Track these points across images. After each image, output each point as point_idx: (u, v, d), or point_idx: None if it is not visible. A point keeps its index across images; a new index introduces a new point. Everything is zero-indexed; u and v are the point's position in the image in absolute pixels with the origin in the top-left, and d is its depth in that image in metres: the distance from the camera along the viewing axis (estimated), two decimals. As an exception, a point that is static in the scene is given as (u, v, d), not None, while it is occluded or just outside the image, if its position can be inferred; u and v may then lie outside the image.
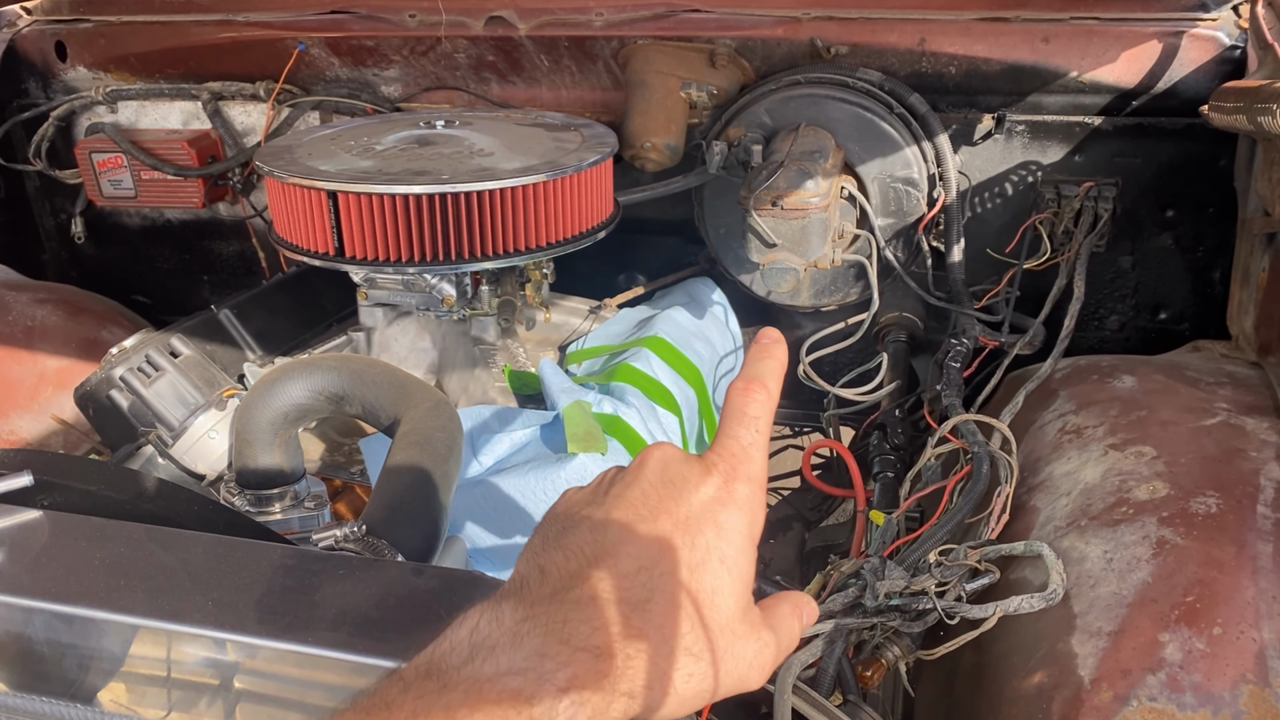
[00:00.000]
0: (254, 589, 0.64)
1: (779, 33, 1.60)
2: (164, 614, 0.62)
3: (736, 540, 0.55)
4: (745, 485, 0.56)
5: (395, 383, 1.01)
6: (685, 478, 0.55)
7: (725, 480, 0.56)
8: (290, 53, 1.82)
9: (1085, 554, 1.08)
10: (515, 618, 0.50)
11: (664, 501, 0.54)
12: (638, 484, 0.55)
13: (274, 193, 1.35)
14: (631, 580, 0.52)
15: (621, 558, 0.52)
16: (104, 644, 0.64)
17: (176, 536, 0.70)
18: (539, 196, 1.31)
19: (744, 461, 0.57)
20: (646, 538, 0.53)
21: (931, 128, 1.56)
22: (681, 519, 0.54)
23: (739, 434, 0.57)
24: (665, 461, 0.57)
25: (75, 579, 0.65)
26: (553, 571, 0.52)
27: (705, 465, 0.56)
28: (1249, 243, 1.47)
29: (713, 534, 0.54)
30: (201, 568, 0.67)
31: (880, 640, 1.15)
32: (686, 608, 0.52)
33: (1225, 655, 0.92)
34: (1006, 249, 1.58)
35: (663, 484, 0.55)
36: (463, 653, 0.49)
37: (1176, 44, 1.52)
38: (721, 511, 0.55)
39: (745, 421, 0.58)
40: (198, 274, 2.19)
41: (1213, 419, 1.22)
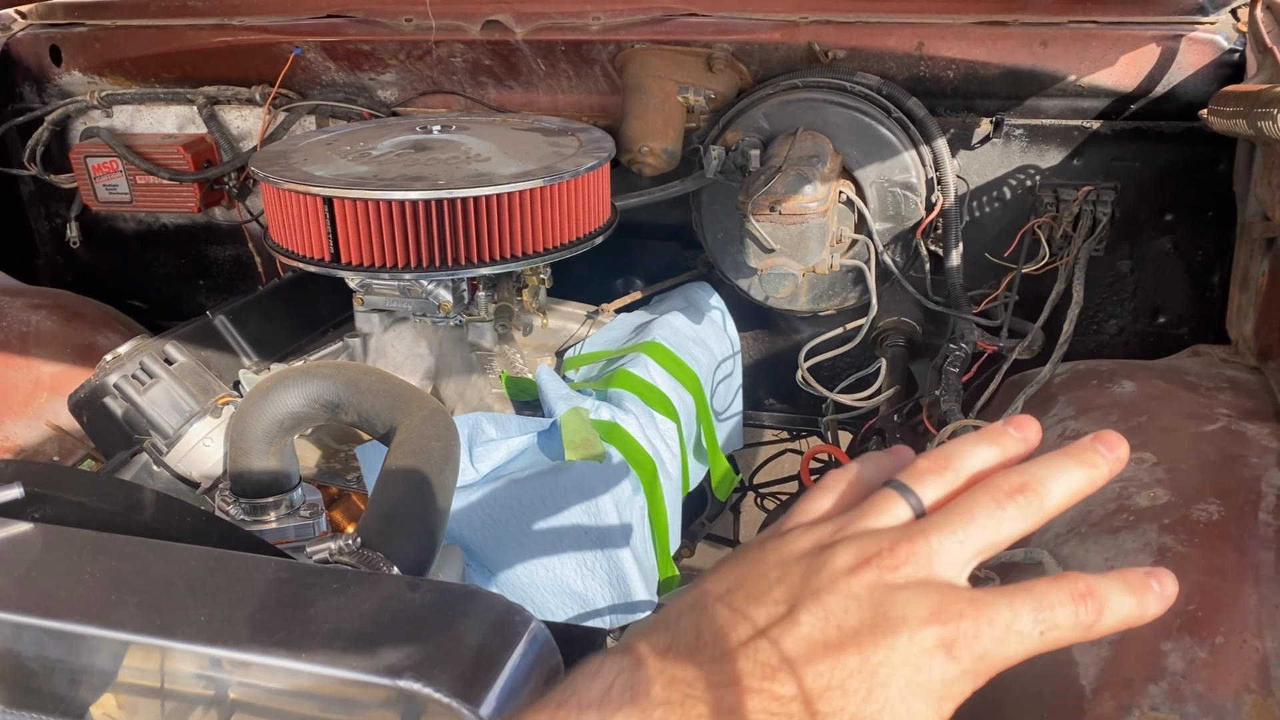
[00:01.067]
0: (247, 604, 0.64)
1: (776, 36, 1.60)
2: (155, 630, 0.61)
3: (925, 711, 0.44)
4: (960, 668, 0.44)
5: (391, 390, 1.00)
6: (904, 615, 0.44)
7: (947, 643, 0.44)
8: (286, 57, 1.82)
9: (1086, 561, 1.07)
10: (651, 700, 0.43)
11: (853, 639, 0.43)
12: (866, 575, 0.45)
13: (269, 198, 1.35)
14: (783, 705, 0.43)
15: (784, 681, 0.43)
16: (95, 660, 0.64)
17: (169, 549, 0.70)
18: (536, 202, 1.30)
19: (987, 634, 0.44)
20: (825, 675, 0.43)
21: (929, 132, 1.55)
22: (871, 673, 0.43)
23: (1018, 610, 0.46)
24: (918, 565, 0.46)
25: (66, 593, 0.65)
26: (706, 643, 0.45)
27: (934, 611, 0.44)
28: (1248, 247, 1.46)
29: (898, 691, 0.43)
30: (194, 582, 0.66)
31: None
32: None
33: (1228, 664, 0.91)
34: (1005, 253, 1.58)
35: (875, 610, 0.44)
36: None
37: (1175, 47, 1.52)
38: (919, 675, 0.43)
39: (1038, 608, 0.46)
40: (194, 279, 2.18)
41: (1213, 425, 1.21)
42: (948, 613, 0.44)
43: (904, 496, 0.50)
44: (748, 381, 1.89)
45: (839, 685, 0.43)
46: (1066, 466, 0.51)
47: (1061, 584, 0.47)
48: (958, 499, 0.49)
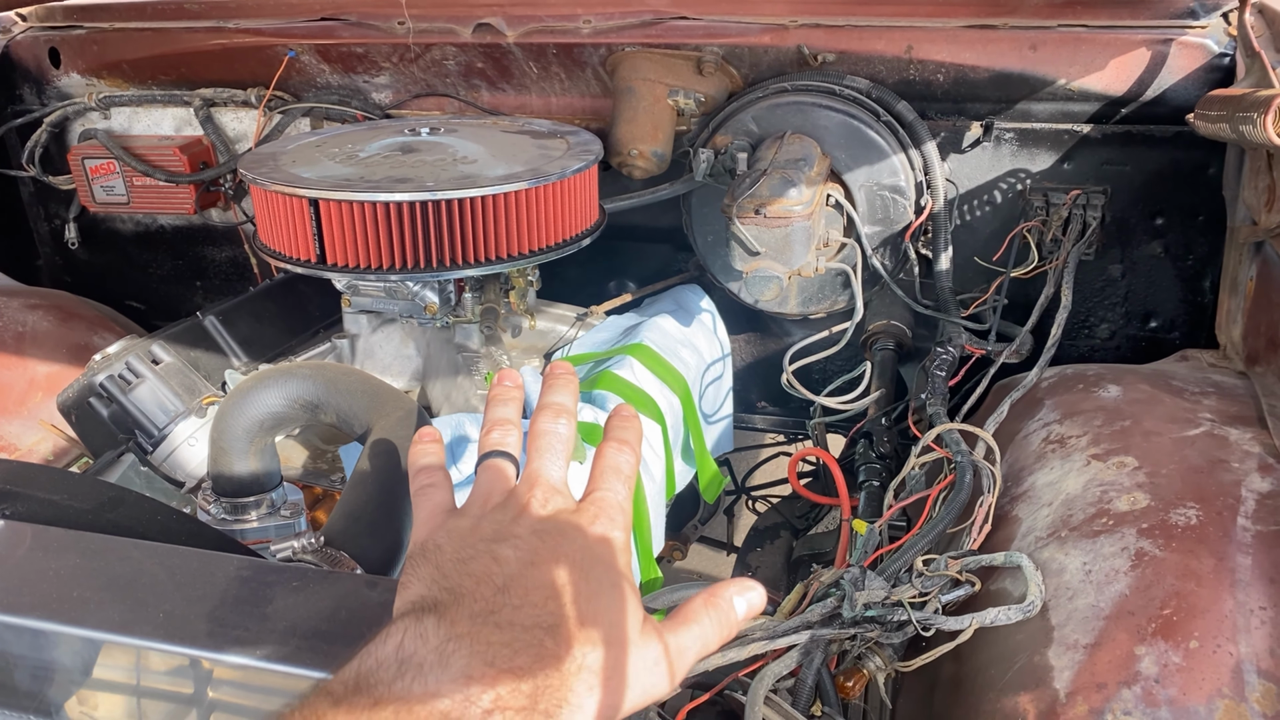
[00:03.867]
0: (207, 601, 0.64)
1: (766, 40, 1.60)
2: (113, 627, 0.62)
3: (613, 575, 0.61)
4: (620, 533, 0.64)
5: (369, 391, 1.01)
6: (573, 524, 0.62)
7: (605, 530, 0.63)
8: (280, 59, 1.83)
9: (1064, 565, 1.07)
10: (440, 636, 0.53)
11: (556, 543, 0.60)
12: (524, 522, 0.61)
13: (258, 199, 1.35)
14: (542, 608, 0.56)
15: (531, 587, 0.57)
16: (57, 656, 0.64)
17: (134, 547, 0.70)
18: (522, 203, 1.31)
19: (619, 513, 0.65)
20: (548, 570, 0.58)
21: (919, 135, 1.55)
22: (575, 558, 0.60)
23: (615, 485, 0.66)
24: (547, 502, 0.63)
25: (28, 590, 0.65)
26: (466, 596, 0.56)
27: (589, 515, 0.63)
28: (1237, 252, 1.46)
29: (601, 570, 0.61)
30: (156, 579, 0.66)
31: (862, 651, 1.15)
32: (589, 630, 0.57)
33: (1201, 669, 0.91)
34: (994, 257, 1.57)
35: (552, 528, 0.61)
36: (391, 669, 0.51)
37: (1165, 51, 1.52)
38: (606, 552, 0.62)
39: (620, 477, 0.67)
40: (190, 279, 2.19)
41: (1196, 429, 1.21)
42: None
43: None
44: (740, 384, 1.89)
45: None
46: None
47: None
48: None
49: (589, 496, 0.66)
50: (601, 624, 0.58)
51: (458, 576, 0.57)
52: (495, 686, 0.51)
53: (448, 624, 0.53)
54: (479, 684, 0.51)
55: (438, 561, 0.59)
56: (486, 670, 0.52)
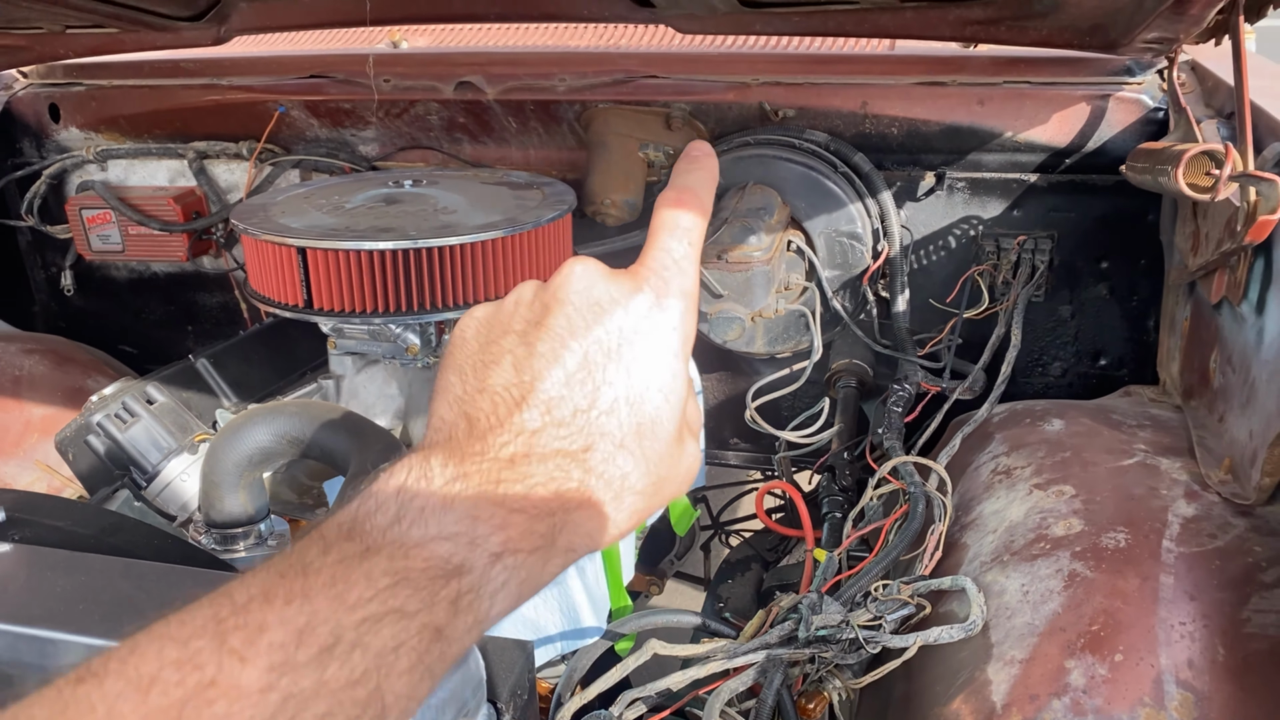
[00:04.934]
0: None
1: (730, 97, 1.70)
2: (116, 635, 0.68)
3: (670, 361, 0.52)
4: (678, 301, 0.53)
5: (351, 427, 1.08)
6: (613, 297, 0.51)
7: (657, 296, 0.52)
8: (271, 114, 1.92)
9: (1005, 587, 1.15)
10: (445, 475, 0.47)
11: (592, 327, 0.50)
12: (561, 308, 0.51)
13: (249, 248, 1.43)
14: (567, 427, 0.49)
15: (554, 402, 0.49)
16: (64, 664, 0.71)
17: (134, 566, 0.77)
18: (498, 251, 1.39)
19: (676, 275, 0.54)
20: (579, 374, 0.50)
21: (875, 185, 1.64)
22: (614, 346, 0.50)
23: (670, 245, 0.55)
24: (589, 279, 0.52)
25: (38, 604, 0.72)
26: (480, 420, 0.49)
27: (635, 281, 0.53)
28: (1173, 293, 1.55)
29: (646, 358, 0.51)
30: (154, 593, 0.73)
31: (823, 674, 1.22)
32: (629, 447, 0.50)
33: (1125, 680, 0.98)
34: (948, 299, 1.66)
35: (589, 307, 0.51)
36: (389, 512, 0.46)
37: (1104, 106, 1.62)
38: (654, 332, 0.52)
39: (677, 233, 0.55)
40: (182, 325, 2.27)
41: (1130, 459, 1.29)
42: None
43: None
44: (713, 422, 1.96)
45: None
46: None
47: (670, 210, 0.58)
48: None
49: (639, 262, 0.54)
50: (643, 434, 0.50)
51: (475, 392, 0.50)
52: (506, 528, 0.46)
53: (455, 460, 0.47)
54: (486, 524, 0.46)
55: (459, 364, 0.52)
56: (495, 510, 0.46)
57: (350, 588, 0.43)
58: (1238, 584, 1.05)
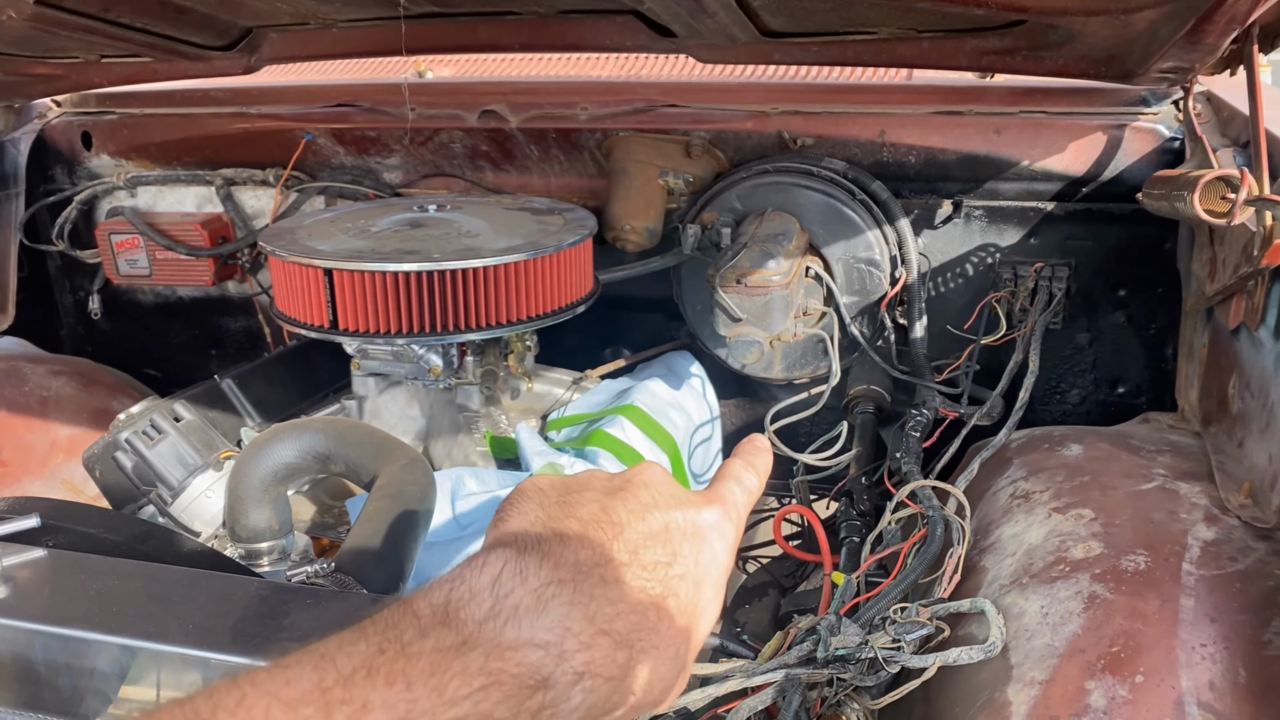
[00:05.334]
0: (230, 614, 0.72)
1: (749, 125, 1.73)
2: (147, 635, 0.70)
3: (721, 573, 0.56)
4: (733, 530, 0.58)
5: (375, 442, 1.10)
6: (690, 499, 0.56)
7: (722, 517, 0.57)
8: (298, 142, 1.96)
9: (1024, 609, 1.14)
10: (541, 578, 0.48)
11: (673, 509, 0.55)
12: (645, 488, 0.55)
13: (276, 270, 1.46)
14: (651, 573, 0.51)
15: (640, 547, 0.52)
16: (97, 664, 0.72)
17: (165, 571, 0.78)
18: (520, 274, 1.41)
19: (735, 511, 0.59)
20: (660, 535, 0.53)
21: (892, 213, 1.66)
22: (690, 531, 0.54)
23: (735, 490, 0.61)
24: (668, 478, 0.57)
25: (72, 606, 0.73)
26: (573, 540, 0.50)
27: (706, 496, 0.58)
28: (1192, 320, 1.55)
29: (709, 556, 0.55)
30: (185, 597, 0.74)
31: (841, 697, 1.21)
32: (688, 616, 0.52)
33: (1146, 702, 0.98)
34: (966, 325, 1.67)
35: (670, 496, 0.56)
36: (483, 604, 0.46)
37: (1120, 135, 1.63)
38: (718, 541, 0.56)
39: (742, 486, 0.61)
40: (206, 348, 2.30)
41: (1150, 484, 1.29)
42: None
43: None
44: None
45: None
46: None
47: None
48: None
49: (709, 489, 0.60)
50: (696, 614, 0.53)
51: (564, 518, 0.52)
52: (592, 648, 0.47)
53: (550, 565, 0.48)
54: (576, 639, 0.46)
55: (541, 500, 0.53)
56: (586, 627, 0.47)
57: (448, 681, 0.44)
58: (1258, 607, 1.05)
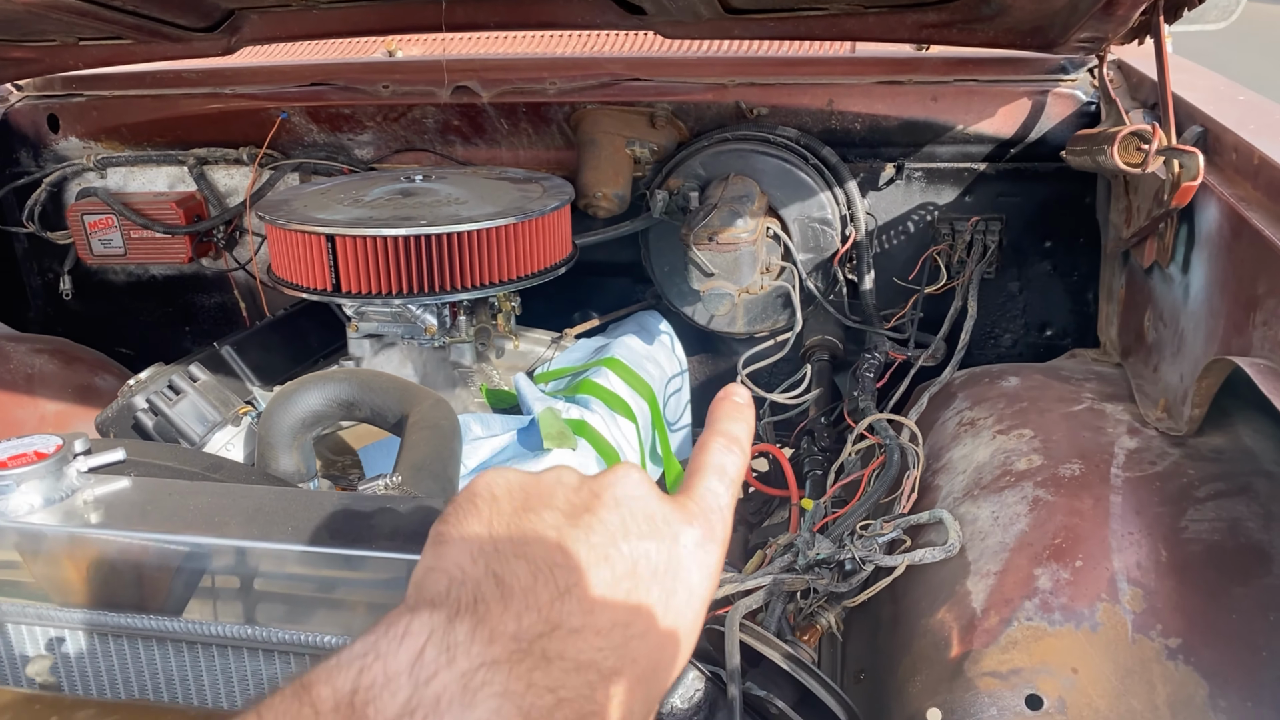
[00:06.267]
0: (322, 518, 0.83)
1: (709, 97, 1.86)
2: (256, 537, 0.81)
3: (699, 609, 0.48)
4: (717, 549, 0.50)
5: (399, 387, 1.20)
6: (667, 519, 0.48)
7: (704, 538, 0.49)
8: (273, 121, 2.03)
9: (977, 515, 1.31)
10: (470, 660, 0.40)
11: (646, 539, 0.47)
12: (616, 507, 0.47)
13: (274, 239, 1.55)
14: (605, 639, 0.43)
15: (599, 605, 0.43)
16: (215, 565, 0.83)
17: (251, 490, 0.89)
18: (507, 237, 1.53)
19: (720, 521, 0.51)
20: (625, 583, 0.45)
21: (842, 176, 1.81)
22: (661, 568, 0.46)
23: (718, 490, 0.52)
24: (644, 490, 0.49)
25: (179, 519, 0.84)
26: (515, 590, 0.42)
27: (686, 514, 0.49)
28: (1111, 264, 1.74)
29: (684, 596, 0.47)
30: (276, 507, 0.85)
31: (814, 608, 1.37)
32: (647, 683, 0.44)
33: (1085, 581, 1.15)
34: (910, 277, 1.83)
35: (644, 517, 0.47)
36: (399, 695, 0.38)
37: (1044, 101, 1.81)
38: (696, 572, 0.48)
39: (725, 479, 0.53)
40: (180, 325, 2.35)
41: (1080, 406, 1.47)
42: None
43: None
44: (696, 401, 2.11)
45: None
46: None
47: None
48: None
49: (687, 494, 0.51)
50: (660, 673, 0.45)
51: (512, 558, 0.43)
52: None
53: (484, 639, 0.40)
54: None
55: (491, 521, 0.45)
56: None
57: None
58: (1175, 500, 1.22)
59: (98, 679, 0.80)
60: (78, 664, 0.80)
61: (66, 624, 0.80)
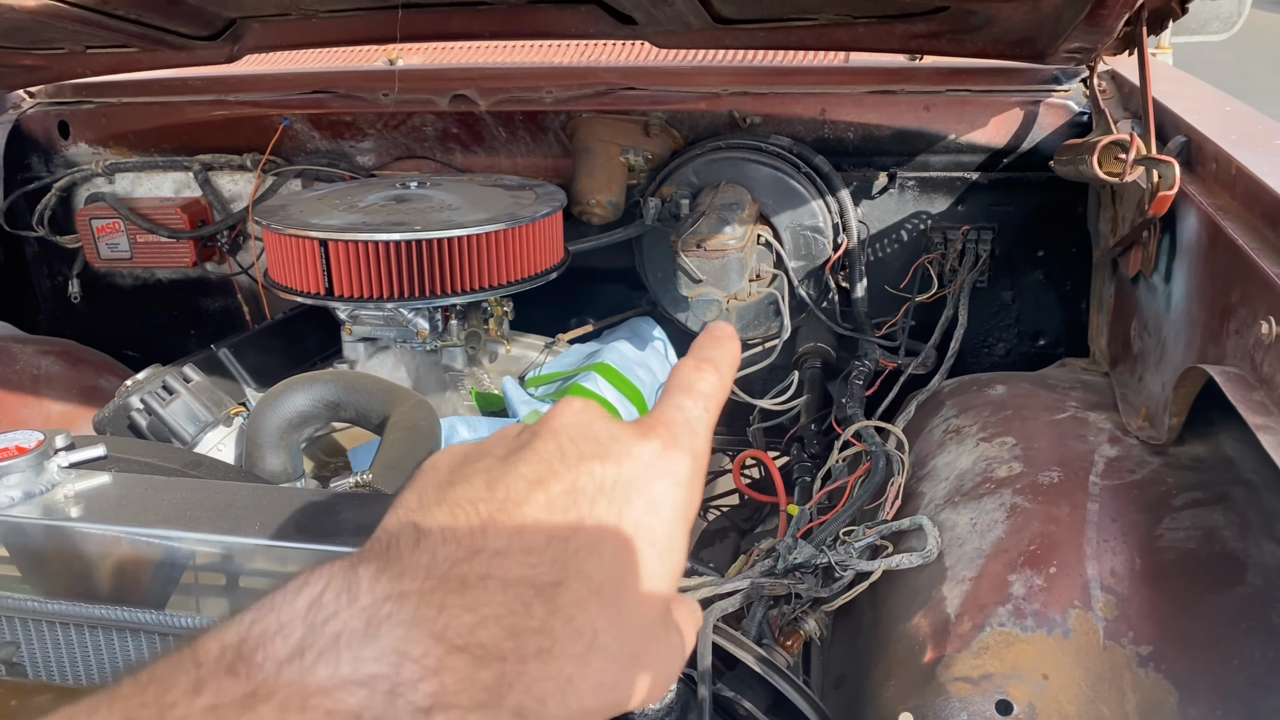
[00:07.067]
0: (292, 514, 0.85)
1: (702, 106, 1.88)
2: (225, 531, 0.83)
3: (670, 520, 0.45)
4: (685, 458, 0.46)
5: (383, 389, 1.23)
6: (615, 436, 0.45)
7: (664, 447, 0.45)
8: (276, 128, 2.06)
9: (956, 522, 1.32)
10: (374, 594, 0.37)
11: (586, 460, 0.43)
12: (553, 437, 0.44)
13: (270, 243, 1.58)
14: (539, 555, 0.40)
15: (528, 524, 0.41)
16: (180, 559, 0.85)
17: (225, 486, 0.91)
18: (499, 243, 1.55)
19: (686, 432, 0.47)
20: (561, 500, 0.42)
21: (834, 184, 1.83)
22: (609, 483, 0.43)
23: (684, 404, 0.48)
24: (589, 415, 0.46)
25: (152, 513, 0.86)
26: (433, 533, 0.40)
27: (640, 428, 0.46)
28: (1101, 274, 1.74)
29: (643, 507, 0.44)
30: (248, 503, 0.87)
31: (799, 613, 1.38)
32: (607, 598, 0.41)
33: (1059, 588, 1.15)
34: (901, 285, 1.84)
35: (586, 439, 0.44)
36: (291, 638, 0.36)
37: (1036, 111, 1.82)
38: (657, 483, 0.44)
39: (693, 394, 0.48)
40: (185, 329, 2.39)
41: (1063, 414, 1.47)
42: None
43: None
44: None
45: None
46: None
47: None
48: None
49: (648, 415, 0.48)
50: (625, 588, 0.42)
51: (434, 505, 0.41)
52: (440, 672, 0.36)
53: (391, 575, 0.37)
54: (416, 666, 0.36)
55: (425, 483, 0.43)
56: (431, 647, 0.36)
57: None
58: (1152, 508, 1.23)
59: (60, 666, 0.82)
60: (41, 650, 0.82)
61: (33, 614, 0.82)
